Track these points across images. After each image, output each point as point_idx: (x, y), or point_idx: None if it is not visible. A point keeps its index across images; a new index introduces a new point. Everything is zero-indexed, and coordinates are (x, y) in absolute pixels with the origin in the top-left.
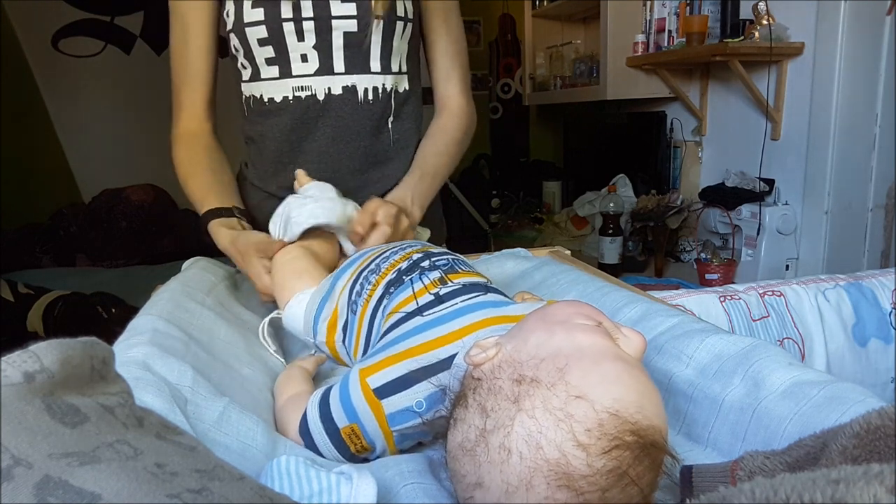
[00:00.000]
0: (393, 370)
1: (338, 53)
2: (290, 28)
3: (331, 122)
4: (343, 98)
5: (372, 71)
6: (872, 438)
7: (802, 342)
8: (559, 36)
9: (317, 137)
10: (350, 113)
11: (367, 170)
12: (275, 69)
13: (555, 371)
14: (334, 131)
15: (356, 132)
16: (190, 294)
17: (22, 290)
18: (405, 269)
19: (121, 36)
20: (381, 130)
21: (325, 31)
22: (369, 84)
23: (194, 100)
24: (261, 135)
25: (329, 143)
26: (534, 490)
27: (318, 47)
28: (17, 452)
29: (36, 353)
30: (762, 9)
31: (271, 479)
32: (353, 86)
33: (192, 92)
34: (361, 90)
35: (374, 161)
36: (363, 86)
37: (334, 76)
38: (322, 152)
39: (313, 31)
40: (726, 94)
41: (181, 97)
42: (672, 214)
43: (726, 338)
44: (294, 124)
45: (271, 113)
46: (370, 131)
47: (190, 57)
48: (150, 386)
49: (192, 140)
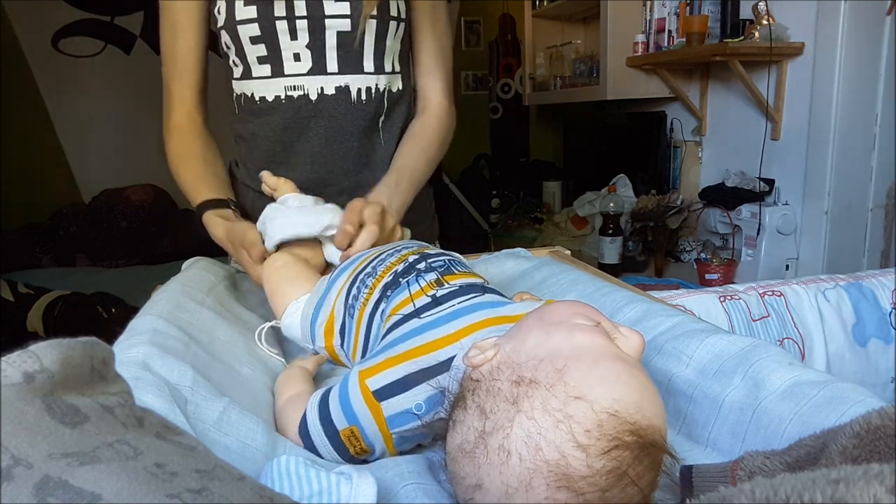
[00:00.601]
0: (392, 372)
1: (331, 53)
2: (283, 27)
3: (324, 122)
4: (336, 98)
5: (365, 71)
6: (872, 438)
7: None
8: (559, 36)
9: (309, 138)
10: (343, 113)
11: (360, 170)
12: (267, 68)
13: (553, 372)
14: (327, 132)
15: (349, 132)
16: (190, 294)
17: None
18: (401, 272)
19: (121, 36)
20: (374, 130)
21: (319, 31)
22: (362, 84)
23: (185, 94)
24: (252, 134)
25: (322, 144)
26: (533, 491)
27: (311, 46)
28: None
29: (36, 353)
30: (762, 9)
31: (271, 479)
32: (346, 86)
33: (182, 86)
34: (354, 90)
35: (367, 161)
36: (356, 86)
37: (327, 76)
38: (315, 153)
39: (307, 30)
40: (726, 94)
41: (172, 91)
42: (672, 214)
43: (726, 338)
44: (286, 124)
45: (263, 112)
46: (363, 131)
47: (179, 52)
48: (150, 386)
49: (184, 130)
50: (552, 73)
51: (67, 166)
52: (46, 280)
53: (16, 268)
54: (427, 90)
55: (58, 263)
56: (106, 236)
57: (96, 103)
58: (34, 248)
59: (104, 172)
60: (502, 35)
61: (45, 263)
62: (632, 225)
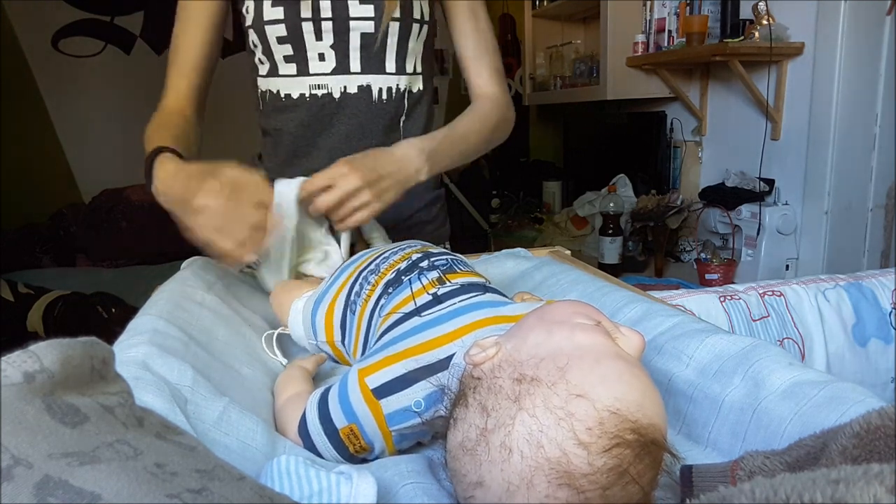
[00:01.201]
0: (391, 370)
1: (354, 54)
2: (308, 28)
3: (345, 119)
4: (358, 97)
5: (387, 71)
6: (872, 438)
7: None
8: (559, 36)
9: (331, 134)
10: (364, 111)
11: None
12: (292, 67)
13: (555, 370)
14: (348, 129)
15: (369, 130)
16: (189, 294)
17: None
18: (404, 270)
19: (121, 36)
20: (394, 130)
21: (343, 32)
22: (384, 84)
23: (180, 85)
24: (276, 129)
25: (342, 141)
26: (535, 489)
27: (336, 47)
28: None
29: (36, 353)
30: (762, 9)
31: (271, 478)
32: (368, 85)
33: (180, 77)
34: (376, 90)
35: None
36: (378, 85)
37: (350, 75)
38: (334, 148)
39: (331, 31)
40: (726, 94)
41: (169, 80)
42: (672, 214)
43: (726, 338)
44: (310, 120)
45: (287, 108)
46: (383, 130)
47: (181, 47)
48: (150, 386)
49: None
50: (552, 73)
51: (67, 166)
52: (46, 280)
53: (16, 268)
54: (477, 84)
55: (58, 263)
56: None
57: (96, 103)
58: (34, 248)
59: (104, 172)
60: (502, 35)
61: (45, 263)
62: (632, 225)
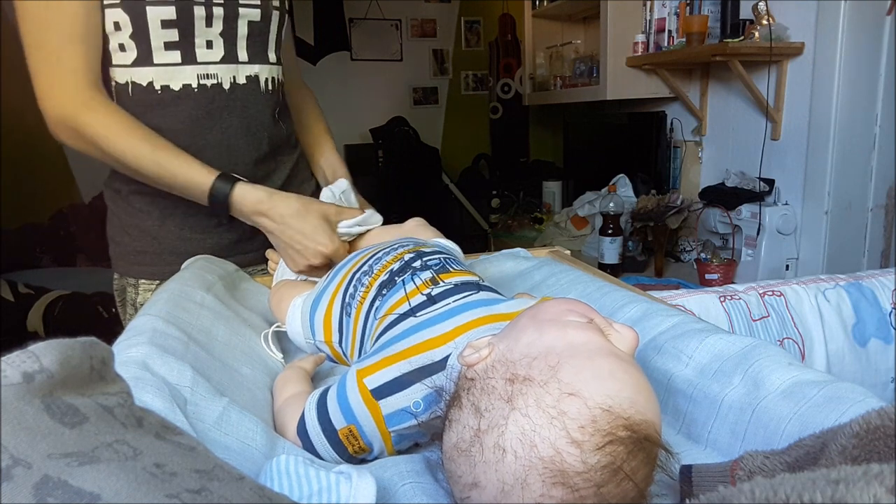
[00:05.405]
0: (389, 371)
1: (241, 42)
2: (200, 13)
3: (237, 112)
4: (248, 88)
5: (270, 61)
6: (872, 438)
7: (802, 342)
8: (559, 36)
9: (224, 128)
10: (254, 103)
11: (266, 159)
12: (176, 54)
13: (547, 369)
14: (241, 121)
15: (261, 122)
16: (189, 294)
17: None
18: (397, 270)
19: None
20: (277, 119)
21: (233, 19)
22: (269, 74)
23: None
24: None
25: (236, 135)
26: (529, 488)
27: (224, 34)
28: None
29: (35, 353)
30: (762, 9)
31: (271, 478)
32: (255, 75)
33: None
34: (263, 80)
35: (273, 150)
36: (264, 76)
37: (238, 65)
38: (230, 145)
39: (222, 17)
40: (726, 94)
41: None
42: (672, 214)
43: (726, 338)
44: (198, 114)
45: (165, 103)
46: (271, 120)
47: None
48: (150, 386)
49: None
50: (552, 73)
51: (67, 166)
52: (46, 280)
53: (16, 268)
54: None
55: (58, 263)
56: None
57: None
58: (34, 248)
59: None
60: (502, 35)
61: (45, 263)
62: (632, 225)
